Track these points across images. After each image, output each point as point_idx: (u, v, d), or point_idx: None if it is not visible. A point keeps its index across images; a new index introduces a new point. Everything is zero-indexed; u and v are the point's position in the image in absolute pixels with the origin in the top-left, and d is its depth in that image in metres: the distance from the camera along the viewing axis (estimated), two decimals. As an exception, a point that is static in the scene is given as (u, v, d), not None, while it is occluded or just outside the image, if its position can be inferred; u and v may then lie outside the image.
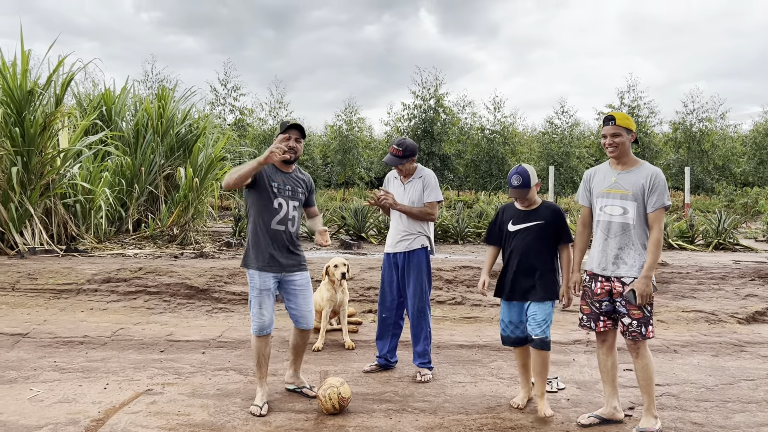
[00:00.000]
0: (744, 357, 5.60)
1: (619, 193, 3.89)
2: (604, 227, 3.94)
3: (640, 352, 3.83)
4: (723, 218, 12.70)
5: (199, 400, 4.23)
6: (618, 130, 3.87)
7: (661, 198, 3.77)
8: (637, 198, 3.83)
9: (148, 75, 33.13)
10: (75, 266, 7.74)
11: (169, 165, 12.92)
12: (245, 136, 32.02)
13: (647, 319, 3.79)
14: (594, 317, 3.97)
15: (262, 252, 4.10)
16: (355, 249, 11.27)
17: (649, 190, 3.80)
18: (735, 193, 28.00)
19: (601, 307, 3.93)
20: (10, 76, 9.42)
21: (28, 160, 9.50)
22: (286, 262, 4.17)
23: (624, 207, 3.87)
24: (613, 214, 3.91)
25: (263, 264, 4.09)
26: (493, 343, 5.85)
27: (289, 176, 4.25)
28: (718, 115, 35.93)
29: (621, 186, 3.89)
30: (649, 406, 3.85)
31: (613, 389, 4.03)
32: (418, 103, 34.25)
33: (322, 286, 5.80)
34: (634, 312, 3.79)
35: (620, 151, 3.89)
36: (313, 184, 4.48)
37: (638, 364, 3.85)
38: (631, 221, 3.84)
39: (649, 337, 3.80)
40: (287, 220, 4.15)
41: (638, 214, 3.83)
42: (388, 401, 4.31)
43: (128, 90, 14.45)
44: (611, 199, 3.92)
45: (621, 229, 3.87)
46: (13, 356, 5.17)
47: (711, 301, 7.37)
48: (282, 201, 4.13)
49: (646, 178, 3.82)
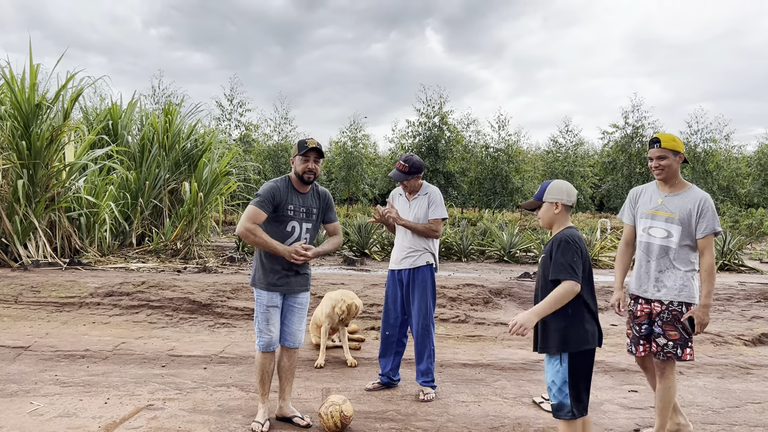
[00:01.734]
0: (750, 379, 5.54)
1: (665, 216, 3.85)
2: (645, 248, 3.93)
3: (666, 374, 3.80)
4: (728, 239, 12.65)
5: (200, 416, 4.19)
6: (664, 152, 3.81)
7: (711, 224, 3.72)
8: (683, 222, 3.78)
9: (155, 90, 33.39)
10: (78, 279, 7.73)
11: (173, 179, 12.96)
12: (250, 151, 32.16)
13: (685, 341, 3.75)
14: (635, 341, 3.96)
15: (271, 272, 4.04)
16: (358, 265, 11.25)
17: (698, 215, 3.75)
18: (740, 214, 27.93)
19: (641, 330, 3.92)
20: (19, 90, 9.49)
21: (34, 173, 9.54)
22: (294, 282, 4.12)
23: (668, 230, 3.83)
24: (655, 236, 3.88)
25: (271, 284, 4.04)
26: (496, 362, 5.81)
27: (305, 197, 4.15)
28: (722, 135, 36.01)
29: (667, 209, 3.85)
30: (659, 430, 3.81)
31: (674, 409, 4.00)
32: (422, 120, 34.43)
33: (325, 303, 5.77)
34: (671, 333, 3.76)
35: (667, 173, 3.84)
36: (331, 200, 4.33)
37: (661, 384, 3.82)
38: (673, 245, 3.80)
39: (686, 359, 3.76)
40: (298, 242, 4.09)
41: (681, 238, 3.78)
42: (390, 420, 4.26)
43: (135, 104, 14.54)
44: (656, 221, 3.88)
45: (662, 252, 3.84)
46: (14, 369, 5.14)
47: (716, 322, 7.31)
48: (295, 224, 4.07)
49: (694, 203, 3.77)
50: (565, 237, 3.24)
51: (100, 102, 16.21)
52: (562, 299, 3.12)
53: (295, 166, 4.08)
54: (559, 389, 3.19)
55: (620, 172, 34.74)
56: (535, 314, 3.13)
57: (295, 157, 4.08)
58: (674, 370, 3.83)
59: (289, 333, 4.18)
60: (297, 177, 4.09)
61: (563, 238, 3.24)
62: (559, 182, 3.41)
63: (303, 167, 4.04)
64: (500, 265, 12.09)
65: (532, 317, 3.12)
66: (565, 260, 3.16)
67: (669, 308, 3.79)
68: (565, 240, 3.22)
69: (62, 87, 10.05)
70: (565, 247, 3.20)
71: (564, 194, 3.36)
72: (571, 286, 3.12)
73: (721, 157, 35.83)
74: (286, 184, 4.10)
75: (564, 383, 3.18)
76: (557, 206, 3.35)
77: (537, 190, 3.49)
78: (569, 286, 3.12)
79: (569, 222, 3.40)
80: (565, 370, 3.18)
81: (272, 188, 4.02)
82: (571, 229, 3.32)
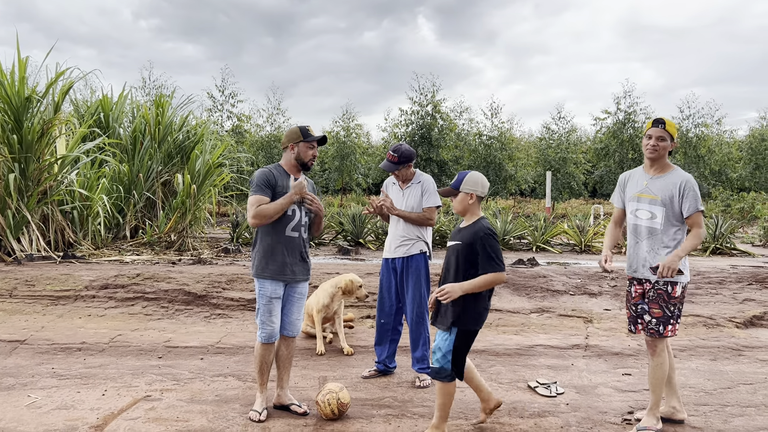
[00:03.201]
0: (742, 361, 5.61)
1: (649, 198, 3.96)
2: (633, 230, 4.05)
3: (657, 351, 3.89)
4: (720, 223, 12.74)
5: (197, 406, 4.22)
6: (664, 134, 3.91)
7: (694, 203, 3.81)
8: (665, 204, 3.88)
9: (145, 82, 33.12)
10: (73, 273, 7.72)
11: (166, 171, 12.91)
12: (243, 142, 32.02)
13: (667, 318, 3.85)
14: (633, 320, 4.07)
15: (276, 260, 4.04)
16: (352, 255, 11.27)
17: (680, 197, 3.85)
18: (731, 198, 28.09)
19: (637, 310, 4.02)
20: (8, 84, 9.42)
21: (26, 166, 9.49)
22: (297, 270, 4.14)
23: (652, 212, 3.94)
24: (641, 218, 4.00)
25: (276, 273, 4.04)
26: (491, 348, 5.85)
27: None
28: (714, 120, 36.09)
29: (651, 191, 3.96)
30: (653, 406, 3.88)
31: (670, 389, 4.09)
32: (415, 109, 34.33)
33: (322, 293, 5.79)
34: (655, 310, 3.87)
35: (659, 154, 3.95)
36: (316, 188, 4.44)
37: (653, 362, 3.90)
38: (658, 226, 3.91)
39: (667, 335, 3.86)
40: (300, 226, 4.11)
41: (666, 219, 3.89)
42: (387, 407, 4.30)
43: (126, 97, 14.46)
44: (641, 203, 4.00)
45: (649, 233, 3.95)
46: (11, 363, 5.15)
47: (709, 305, 7.38)
48: (295, 207, 4.08)
49: (675, 185, 3.87)
50: (488, 230, 3.60)
51: (90, 95, 16.11)
52: (489, 284, 3.55)
53: (298, 152, 4.11)
54: (443, 355, 3.61)
55: (612, 158, 34.79)
56: (461, 288, 3.52)
57: (298, 143, 4.10)
58: (665, 347, 3.90)
59: (288, 322, 4.20)
60: (299, 163, 4.13)
61: (487, 232, 3.59)
62: (475, 174, 3.73)
63: (311, 153, 4.12)
64: (494, 253, 12.14)
65: (458, 290, 3.52)
66: (493, 253, 3.56)
67: (655, 287, 3.89)
68: (490, 233, 3.59)
69: (53, 80, 9.97)
70: (492, 240, 3.58)
71: (479, 186, 3.72)
72: (501, 276, 3.56)
73: (713, 141, 35.93)
74: (278, 170, 4.14)
75: (449, 352, 3.60)
76: (472, 197, 3.70)
77: (455, 179, 3.77)
78: (499, 276, 3.55)
79: (481, 211, 3.77)
80: (452, 342, 3.61)
81: (264, 173, 4.06)
82: (485, 219, 3.71)
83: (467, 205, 3.72)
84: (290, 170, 4.17)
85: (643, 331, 3.95)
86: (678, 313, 3.88)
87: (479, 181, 3.73)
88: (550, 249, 12.54)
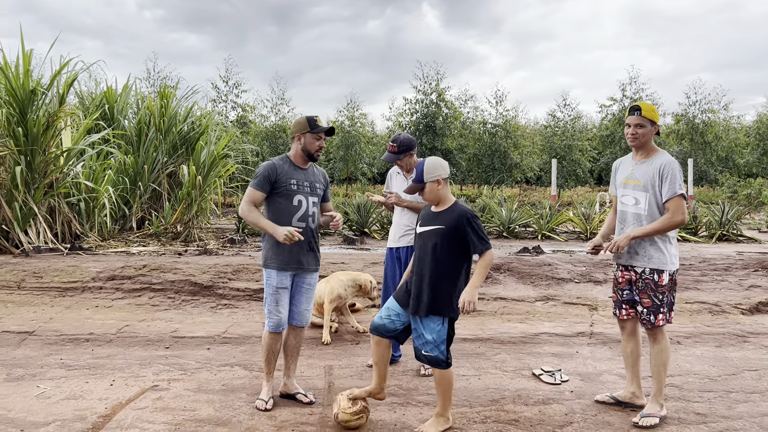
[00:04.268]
0: (747, 347, 5.61)
1: (633, 184, 3.97)
2: (621, 217, 4.07)
3: (657, 338, 3.92)
4: (726, 209, 12.69)
5: (204, 395, 4.26)
6: (642, 120, 3.90)
7: (673, 187, 3.79)
8: (647, 189, 3.89)
9: (150, 73, 33.17)
10: (80, 264, 7.78)
11: (172, 163, 12.94)
12: (248, 132, 32.04)
13: (657, 307, 3.87)
14: (618, 305, 4.12)
15: (283, 250, 4.05)
16: (358, 244, 11.29)
17: (660, 180, 3.84)
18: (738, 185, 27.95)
19: (623, 296, 4.06)
20: (13, 76, 9.44)
21: (32, 159, 9.53)
22: (305, 260, 4.14)
23: (636, 197, 3.95)
24: (627, 204, 4.01)
25: (283, 263, 4.05)
26: (496, 336, 5.87)
27: (307, 172, 4.19)
28: (721, 106, 35.85)
29: (635, 177, 3.97)
30: (657, 393, 3.90)
31: (633, 375, 4.13)
32: (419, 97, 34.24)
33: (337, 283, 5.86)
34: (645, 300, 3.91)
35: (640, 141, 3.94)
36: (328, 179, 4.44)
37: (654, 349, 3.93)
38: (642, 212, 3.91)
39: (659, 324, 3.87)
40: (308, 216, 4.11)
41: (649, 204, 3.89)
42: (392, 395, 4.33)
43: (130, 88, 14.47)
44: (627, 189, 4.02)
45: (633, 219, 3.96)
46: (20, 354, 5.20)
47: (714, 292, 7.37)
48: (301, 197, 4.09)
49: (656, 169, 3.86)
50: (470, 212, 3.59)
51: (95, 87, 16.13)
52: (488, 269, 3.56)
53: (304, 143, 4.11)
54: (436, 346, 3.59)
55: (618, 146, 34.65)
56: (474, 288, 3.50)
57: (304, 134, 4.11)
58: (664, 334, 3.93)
59: (297, 313, 4.23)
60: (305, 154, 4.14)
61: (469, 214, 3.57)
62: (430, 159, 3.67)
63: (318, 144, 4.13)
64: (500, 241, 12.14)
65: (475, 292, 3.50)
66: (481, 233, 3.55)
67: (642, 276, 3.91)
68: (472, 215, 3.57)
69: (57, 72, 9.99)
70: (478, 220, 3.58)
71: (440, 169, 3.66)
72: (491, 255, 3.58)
73: (720, 127, 35.71)
74: (284, 161, 4.15)
75: (442, 341, 3.60)
76: (439, 183, 3.65)
77: (415, 175, 3.69)
78: (489, 255, 3.56)
79: (451, 194, 3.73)
80: (445, 331, 3.61)
81: (269, 166, 4.07)
82: (460, 202, 3.69)
83: (438, 193, 3.67)
84: (297, 161, 4.17)
85: (641, 322, 3.99)
86: (668, 300, 3.89)
87: (437, 164, 3.66)
88: (556, 237, 12.53)
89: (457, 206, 3.64)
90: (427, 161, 3.66)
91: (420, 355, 3.68)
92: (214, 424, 3.75)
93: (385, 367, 3.82)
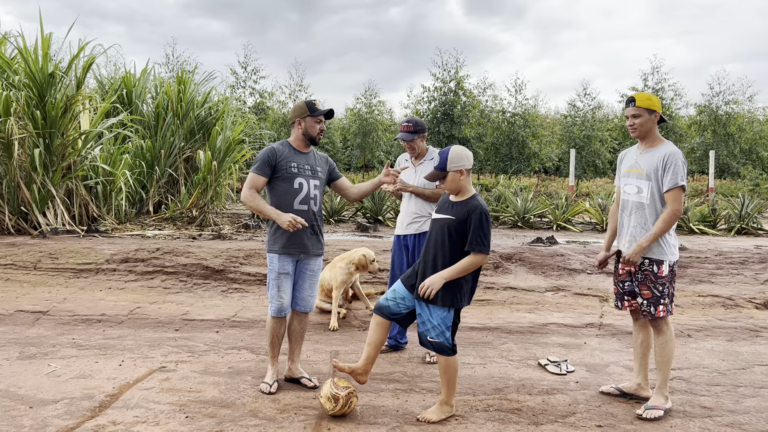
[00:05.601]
0: (759, 342, 5.54)
1: (637, 173, 3.95)
2: (623, 206, 4.05)
3: (661, 330, 3.89)
4: (746, 202, 12.49)
5: (210, 377, 4.31)
6: (638, 111, 3.88)
7: (674, 177, 3.75)
8: (650, 177, 3.86)
9: (169, 58, 33.31)
10: (95, 246, 7.88)
11: (188, 147, 13.04)
12: (265, 119, 32.12)
13: (657, 299, 3.83)
14: (620, 297, 4.10)
15: (284, 234, 4.06)
16: (371, 232, 11.31)
17: (663, 169, 3.80)
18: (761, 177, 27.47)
19: (624, 287, 4.04)
20: (32, 60, 9.55)
21: (50, 142, 9.65)
22: (308, 244, 4.15)
23: (639, 186, 3.92)
24: (630, 193, 3.99)
25: (285, 247, 4.07)
26: (504, 325, 5.86)
27: (308, 156, 4.22)
28: (745, 97, 35.17)
29: (639, 165, 3.95)
30: (661, 385, 3.88)
31: (641, 366, 4.10)
32: (438, 85, 34.01)
33: (338, 270, 5.86)
34: (645, 292, 3.88)
35: (640, 132, 3.92)
36: (331, 160, 4.44)
37: (658, 341, 3.91)
38: (645, 200, 3.88)
39: (659, 316, 3.84)
40: (309, 199, 4.12)
41: (651, 193, 3.86)
42: (396, 381, 4.35)
43: (149, 73, 14.56)
44: (630, 178, 4.00)
45: (636, 208, 3.93)
46: (33, 333, 5.30)
47: (729, 286, 7.28)
48: (302, 180, 4.10)
49: (660, 158, 3.82)
50: (483, 209, 3.53)
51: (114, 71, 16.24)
52: (470, 269, 3.53)
53: (305, 127, 4.14)
54: (442, 332, 3.59)
55: (639, 136, 34.19)
56: (441, 278, 3.50)
57: (305, 118, 4.13)
58: (669, 326, 3.89)
59: (300, 298, 4.25)
60: (306, 137, 4.16)
61: (482, 211, 3.51)
62: (456, 149, 3.61)
63: (319, 128, 4.15)
64: (514, 231, 12.08)
65: (440, 280, 3.50)
66: (484, 233, 3.50)
67: (642, 268, 3.88)
68: (484, 213, 3.52)
69: (75, 56, 10.08)
70: (485, 220, 3.51)
71: (465, 160, 3.60)
72: (482, 259, 3.52)
73: (744, 119, 35.07)
74: (284, 145, 4.18)
75: (447, 329, 3.59)
76: (462, 173, 3.60)
77: (438, 162, 3.64)
78: (480, 258, 3.52)
79: (472, 186, 3.67)
80: (450, 318, 3.60)
81: (268, 151, 4.10)
82: (478, 197, 3.62)
83: (459, 183, 3.63)
84: (298, 146, 4.19)
85: (642, 314, 3.95)
86: (668, 292, 3.86)
87: (462, 154, 3.61)
88: (571, 228, 12.43)
89: (473, 200, 3.59)
90: (452, 149, 3.60)
91: (425, 341, 3.69)
92: (218, 405, 3.80)
93: (376, 351, 3.80)
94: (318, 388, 4.15)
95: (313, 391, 4.12)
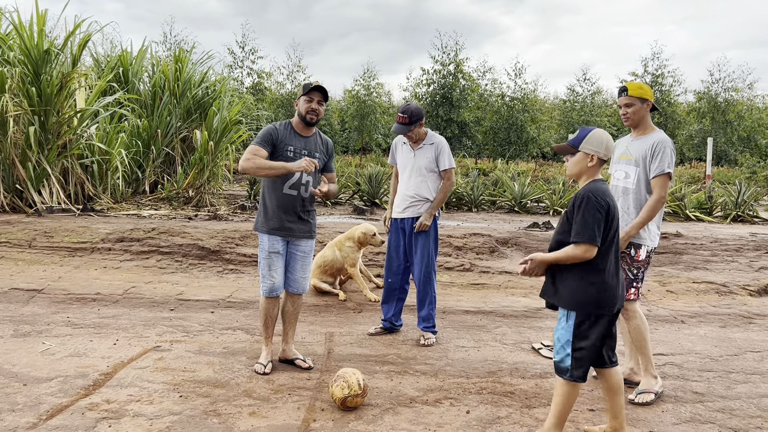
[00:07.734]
0: (752, 329, 5.57)
1: (626, 159, 4.01)
2: (612, 192, 4.04)
3: (629, 314, 3.93)
4: (743, 190, 12.49)
5: (205, 357, 4.32)
6: (630, 100, 3.93)
7: (661, 164, 3.80)
8: (638, 163, 3.91)
9: (166, 37, 33.03)
10: (90, 225, 7.86)
11: (185, 127, 12.96)
12: (263, 99, 31.95)
13: (630, 282, 3.89)
14: None
15: (272, 216, 4.06)
16: (368, 215, 11.30)
17: (651, 156, 3.86)
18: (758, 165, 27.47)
19: None
20: (27, 36, 9.44)
21: (45, 119, 9.58)
22: (295, 228, 4.12)
23: (627, 171, 3.98)
24: (618, 178, 4.05)
25: (272, 228, 4.07)
26: (498, 309, 5.88)
27: (308, 140, 4.16)
28: (745, 84, 35.07)
29: (629, 152, 4.00)
30: (647, 367, 3.91)
31: (632, 351, 4.15)
32: (437, 68, 33.81)
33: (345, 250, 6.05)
34: None
35: (633, 120, 3.97)
36: (333, 150, 4.38)
37: (629, 325, 3.95)
38: (631, 185, 3.94)
39: (629, 298, 3.89)
40: (300, 185, 4.08)
41: (638, 179, 3.91)
42: (390, 363, 4.37)
43: (145, 51, 14.42)
44: (620, 165, 4.06)
45: (622, 193, 3.99)
46: (27, 311, 5.30)
47: (723, 272, 7.30)
48: None
49: (650, 145, 3.88)
50: (588, 193, 2.97)
51: (111, 49, 16.08)
52: (572, 259, 2.96)
53: (299, 108, 4.10)
54: (562, 347, 3.02)
55: (638, 122, 34.15)
56: (543, 258, 3.03)
57: (299, 98, 4.09)
58: (636, 308, 3.91)
59: (293, 280, 4.24)
60: (300, 118, 4.12)
61: (586, 194, 2.96)
62: (599, 132, 3.09)
63: (306, 107, 4.06)
64: (511, 216, 12.07)
65: (541, 259, 3.03)
66: (585, 220, 2.92)
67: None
68: (587, 197, 2.95)
69: (71, 33, 9.97)
70: (586, 204, 2.94)
71: (603, 147, 3.07)
72: (585, 251, 2.92)
73: (743, 107, 34.99)
74: (285, 126, 4.13)
75: (567, 342, 2.99)
76: (592, 159, 3.07)
77: (576, 136, 3.13)
78: (583, 250, 2.92)
79: (599, 176, 3.11)
80: (570, 329, 2.99)
81: (269, 129, 4.07)
82: (596, 182, 3.05)
83: (585, 168, 3.09)
84: (298, 128, 4.15)
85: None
86: (641, 276, 3.91)
87: (604, 141, 3.07)
88: (567, 213, 12.42)
89: (585, 187, 3.04)
90: (595, 131, 3.09)
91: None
92: (212, 385, 3.81)
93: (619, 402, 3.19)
94: (312, 370, 4.16)
95: (307, 372, 4.13)
